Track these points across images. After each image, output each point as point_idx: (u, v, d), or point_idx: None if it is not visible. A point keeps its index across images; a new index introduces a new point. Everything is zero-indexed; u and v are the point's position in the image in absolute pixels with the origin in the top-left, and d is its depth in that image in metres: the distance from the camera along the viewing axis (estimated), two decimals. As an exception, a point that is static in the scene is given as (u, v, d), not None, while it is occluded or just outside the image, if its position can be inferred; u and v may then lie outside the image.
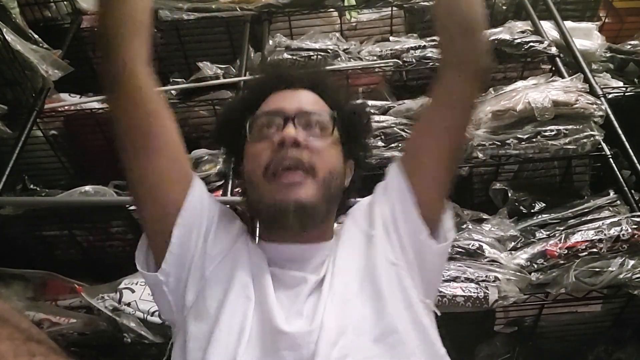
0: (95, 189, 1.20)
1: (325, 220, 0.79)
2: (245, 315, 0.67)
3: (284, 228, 0.74)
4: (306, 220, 0.73)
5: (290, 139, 0.72)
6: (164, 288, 0.70)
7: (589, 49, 1.50)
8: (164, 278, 0.70)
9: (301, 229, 0.74)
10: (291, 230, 0.74)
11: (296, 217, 0.72)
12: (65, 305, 1.15)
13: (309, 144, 0.73)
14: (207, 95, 1.47)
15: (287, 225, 0.73)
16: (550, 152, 1.19)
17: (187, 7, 1.62)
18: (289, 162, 0.72)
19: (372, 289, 0.70)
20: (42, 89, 1.39)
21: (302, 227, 0.73)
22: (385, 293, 0.68)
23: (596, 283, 1.04)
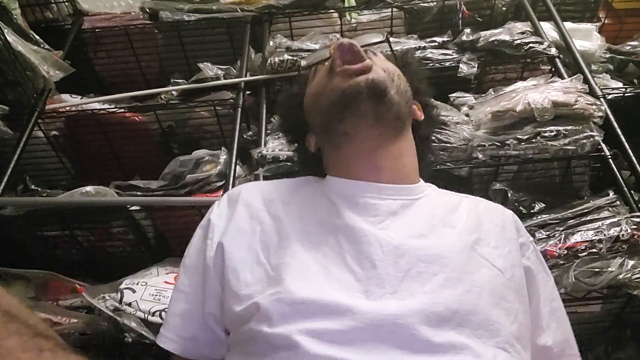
0: (97, 190, 1.21)
1: (404, 130, 0.74)
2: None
3: (356, 118, 0.69)
4: (382, 103, 0.68)
5: (347, 42, 0.71)
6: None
7: (588, 50, 1.50)
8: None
9: (377, 117, 0.69)
10: (365, 120, 0.69)
11: (370, 97, 0.68)
12: (67, 305, 1.15)
13: (368, 55, 0.73)
14: (208, 96, 1.47)
15: (359, 113, 0.68)
16: (550, 152, 1.19)
17: (187, 8, 1.63)
18: (349, 56, 0.70)
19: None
20: (43, 90, 1.40)
21: (378, 115, 0.69)
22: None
23: (596, 283, 1.04)
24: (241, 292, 0.65)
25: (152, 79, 1.71)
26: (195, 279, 0.72)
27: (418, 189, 0.74)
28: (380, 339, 0.57)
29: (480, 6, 1.64)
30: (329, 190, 0.73)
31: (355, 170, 0.73)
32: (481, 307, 0.61)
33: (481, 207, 0.77)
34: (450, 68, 1.42)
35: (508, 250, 0.70)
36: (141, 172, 1.50)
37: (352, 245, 0.65)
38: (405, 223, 0.68)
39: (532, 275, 0.72)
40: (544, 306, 0.72)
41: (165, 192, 1.24)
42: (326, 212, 0.70)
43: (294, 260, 0.64)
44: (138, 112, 1.51)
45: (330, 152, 0.77)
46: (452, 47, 1.48)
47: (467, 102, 1.32)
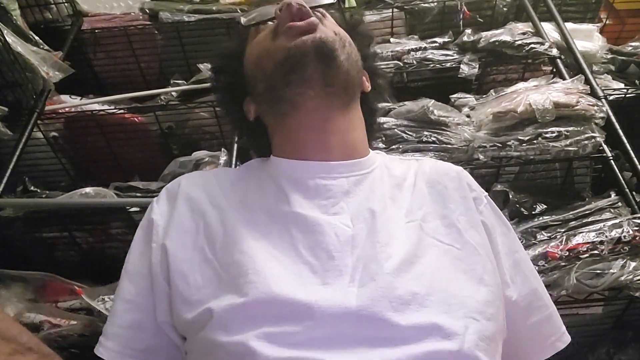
0: (96, 191, 1.20)
1: (353, 101, 0.70)
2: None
3: (302, 82, 0.64)
4: (330, 67, 0.64)
5: (295, 1, 0.66)
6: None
7: (589, 51, 1.50)
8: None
9: (325, 83, 0.65)
10: (311, 85, 0.64)
11: (317, 58, 0.63)
12: (65, 307, 1.14)
13: (317, 16, 0.68)
14: (208, 97, 1.47)
15: (305, 76, 0.64)
16: (551, 153, 1.19)
17: (187, 9, 1.63)
18: (297, 14, 0.66)
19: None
20: (43, 91, 1.39)
21: (326, 80, 0.65)
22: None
23: (597, 285, 1.04)
24: (193, 297, 0.60)
25: (151, 80, 1.70)
26: (141, 286, 0.66)
27: (369, 162, 0.71)
28: (344, 334, 0.55)
29: (481, 7, 1.64)
30: (276, 172, 0.69)
31: (303, 148, 0.68)
32: (438, 286, 0.59)
33: (427, 169, 0.73)
34: (451, 69, 1.41)
35: (459, 213, 0.68)
36: (141, 173, 1.50)
37: (305, 235, 0.61)
38: (359, 204, 0.65)
39: (488, 230, 0.70)
40: (506, 260, 0.70)
41: (164, 193, 1.24)
42: (274, 199, 0.65)
43: (244, 256, 0.60)
44: (138, 113, 1.51)
45: (276, 126, 0.72)
46: (453, 47, 1.47)
47: (468, 103, 1.32)
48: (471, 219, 0.69)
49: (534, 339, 0.71)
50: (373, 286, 0.57)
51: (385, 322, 0.55)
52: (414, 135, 1.22)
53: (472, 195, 0.72)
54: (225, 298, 0.57)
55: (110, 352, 0.65)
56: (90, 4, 1.71)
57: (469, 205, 0.70)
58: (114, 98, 1.49)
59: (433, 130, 1.22)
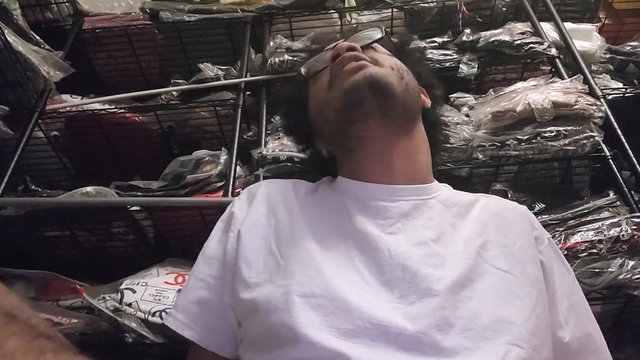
0: (97, 190, 1.21)
1: (415, 125, 0.74)
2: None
3: (364, 117, 0.68)
4: (385, 99, 0.68)
5: (344, 45, 0.72)
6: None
7: (588, 50, 1.50)
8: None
9: (384, 114, 0.69)
10: (372, 118, 0.68)
11: (372, 92, 0.68)
12: (67, 306, 1.15)
13: (367, 52, 0.73)
14: (208, 97, 1.47)
15: (365, 112, 0.68)
16: (550, 153, 1.19)
17: (188, 8, 1.63)
18: (348, 59, 0.71)
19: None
20: (44, 90, 1.40)
21: (383, 111, 0.68)
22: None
23: (596, 284, 1.04)
24: (251, 279, 0.65)
25: (152, 80, 1.71)
26: (215, 268, 0.72)
27: (432, 189, 0.74)
28: (387, 340, 0.57)
29: (480, 6, 1.64)
30: (342, 191, 0.74)
31: (368, 173, 0.73)
32: (485, 311, 0.60)
33: (493, 204, 0.76)
34: (451, 68, 1.42)
35: (519, 245, 0.69)
36: (141, 172, 1.50)
37: (360, 250, 0.65)
38: (416, 226, 0.68)
39: (546, 270, 0.71)
40: (562, 301, 0.71)
41: (165, 193, 1.24)
42: (338, 214, 0.70)
43: (305, 252, 0.65)
44: (138, 113, 1.51)
45: (344, 156, 0.78)
46: (452, 47, 1.48)
47: (467, 103, 1.33)
48: (530, 254, 0.70)
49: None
50: (421, 306, 0.59)
51: (424, 340, 0.57)
52: (414, 134, 1.22)
53: (534, 233, 0.74)
54: (282, 284, 0.62)
55: (177, 322, 0.71)
56: (91, 3, 1.71)
57: (529, 241, 0.72)
58: (115, 97, 1.49)
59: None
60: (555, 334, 0.68)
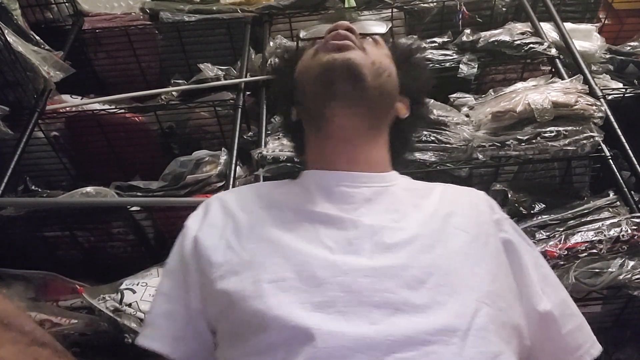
0: (97, 190, 1.21)
1: (381, 124, 0.76)
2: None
3: (332, 99, 0.70)
4: (356, 89, 0.70)
5: (343, 24, 0.73)
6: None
7: (588, 51, 1.50)
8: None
9: (350, 100, 0.70)
10: (340, 103, 0.70)
11: (344, 75, 0.69)
12: (67, 306, 1.15)
13: (362, 40, 0.75)
14: (208, 97, 1.47)
15: (333, 93, 0.70)
16: (550, 153, 1.19)
17: (188, 8, 1.63)
18: (339, 36, 0.72)
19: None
20: (44, 90, 1.40)
21: (352, 98, 0.70)
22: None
23: (596, 284, 1.04)
24: (214, 274, 0.65)
25: (152, 80, 1.71)
26: (176, 279, 0.72)
27: (390, 177, 0.76)
28: (360, 303, 0.58)
29: (480, 7, 1.64)
30: (305, 181, 0.75)
31: (331, 159, 0.74)
32: (457, 267, 0.62)
33: (452, 190, 0.78)
34: (451, 69, 1.42)
35: (482, 220, 0.72)
36: (141, 172, 1.50)
37: (328, 228, 0.66)
38: (379, 210, 0.69)
39: (513, 247, 0.72)
40: (534, 274, 0.72)
41: (165, 193, 1.25)
42: (302, 201, 0.71)
43: (269, 243, 0.65)
44: (138, 113, 1.51)
45: (310, 133, 0.79)
46: (452, 47, 1.48)
47: (467, 103, 1.33)
48: (492, 232, 0.71)
49: (571, 347, 0.72)
50: (389, 265, 0.61)
51: (395, 298, 0.58)
52: (413, 134, 1.22)
53: (495, 217, 0.75)
54: (249, 275, 0.62)
55: (146, 338, 0.71)
56: (91, 3, 1.72)
57: (490, 223, 0.73)
58: (115, 98, 1.49)
59: (432, 130, 1.22)
60: (536, 307, 0.70)
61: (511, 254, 0.71)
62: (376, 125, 0.76)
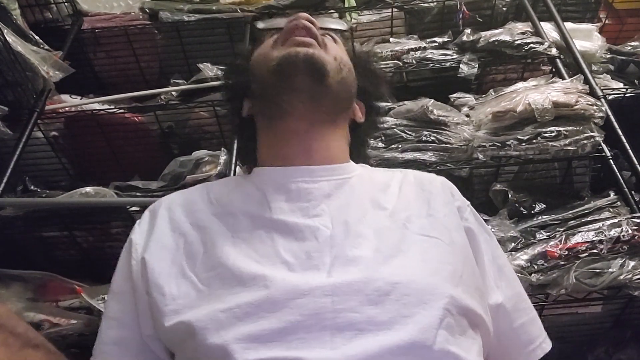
0: (96, 190, 1.20)
1: (339, 120, 0.74)
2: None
3: (291, 91, 0.68)
4: (318, 84, 0.68)
5: (304, 15, 0.72)
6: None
7: (589, 50, 1.50)
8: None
9: (312, 97, 0.68)
10: (298, 96, 0.68)
11: (306, 70, 0.67)
12: (65, 306, 1.15)
13: (322, 36, 0.73)
14: (208, 97, 1.47)
15: (293, 86, 0.68)
16: (551, 153, 1.19)
17: (187, 8, 1.63)
18: (300, 30, 0.70)
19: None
20: (43, 90, 1.39)
21: (312, 94, 0.68)
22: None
23: (596, 284, 1.04)
24: (167, 307, 0.61)
25: (151, 80, 1.70)
26: (125, 303, 0.67)
27: (349, 168, 0.74)
28: (322, 327, 0.55)
29: (480, 6, 1.64)
30: (259, 180, 0.71)
31: (286, 152, 0.71)
32: (422, 275, 0.60)
33: (412, 177, 0.76)
34: (451, 68, 1.42)
35: (443, 214, 0.70)
36: (141, 172, 1.50)
37: (285, 239, 0.63)
38: (339, 206, 0.67)
39: (473, 236, 0.72)
40: (490, 266, 0.72)
41: (165, 193, 1.24)
42: (256, 206, 0.67)
43: (225, 270, 0.61)
44: (138, 113, 1.51)
45: (263, 128, 0.76)
46: (452, 47, 1.48)
47: (468, 103, 1.32)
48: (455, 222, 0.71)
49: (522, 341, 0.72)
50: (350, 281, 0.58)
51: (361, 318, 0.56)
52: (414, 134, 1.22)
53: (456, 204, 0.74)
54: (206, 308, 0.58)
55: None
56: (90, 3, 1.71)
57: (452, 210, 0.72)
58: (114, 98, 1.49)
59: (432, 130, 1.22)
60: (490, 298, 0.69)
61: (471, 242, 0.71)
62: (334, 120, 0.74)
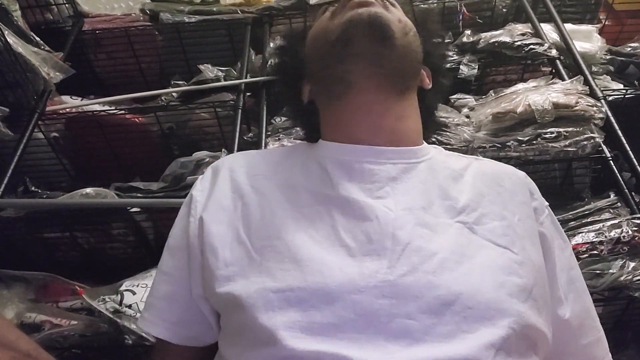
0: (97, 191, 1.20)
1: (408, 92, 0.68)
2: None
3: (355, 58, 0.63)
4: (381, 44, 0.63)
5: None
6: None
7: (589, 52, 1.50)
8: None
9: (374, 59, 0.63)
10: (364, 62, 0.63)
11: (369, 31, 0.62)
12: (66, 307, 1.15)
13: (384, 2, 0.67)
14: (208, 98, 1.47)
15: (358, 51, 0.63)
16: (551, 154, 1.19)
17: (188, 10, 1.63)
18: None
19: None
20: (44, 91, 1.39)
21: (375, 56, 0.63)
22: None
23: (597, 285, 1.04)
24: (219, 271, 0.60)
25: (152, 81, 1.71)
26: (179, 259, 0.67)
27: (421, 152, 0.68)
28: (376, 331, 0.52)
29: (480, 7, 1.64)
30: (322, 155, 0.67)
31: (352, 131, 0.67)
32: (488, 287, 0.55)
33: (488, 170, 0.70)
34: (451, 69, 1.42)
35: (518, 218, 0.64)
36: (141, 173, 1.50)
37: (346, 217, 0.59)
38: (405, 190, 0.62)
39: (546, 242, 0.66)
40: (561, 275, 0.67)
41: (165, 194, 1.24)
42: (318, 182, 0.64)
43: (280, 243, 0.59)
44: (138, 114, 1.51)
45: (328, 107, 0.71)
46: (452, 48, 1.48)
47: (468, 104, 1.32)
48: (529, 227, 0.65)
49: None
50: (411, 281, 0.54)
51: (418, 326, 0.53)
52: (414, 135, 1.22)
53: (534, 204, 0.69)
54: (257, 281, 0.57)
55: (146, 321, 0.67)
56: (91, 5, 1.72)
57: (529, 213, 0.67)
58: (115, 99, 1.49)
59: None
60: (556, 311, 0.65)
61: (543, 248, 0.66)
62: (403, 91, 0.68)
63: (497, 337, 0.53)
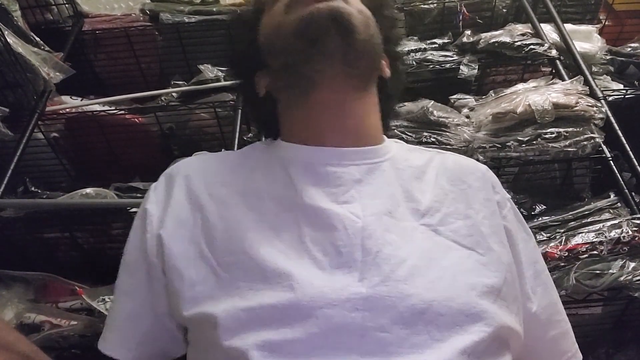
0: (97, 191, 1.20)
1: (371, 84, 0.66)
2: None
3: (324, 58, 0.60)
4: (351, 46, 0.60)
5: None
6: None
7: (589, 52, 1.50)
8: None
9: (345, 59, 0.60)
10: (332, 62, 0.60)
11: (334, 28, 0.59)
12: (66, 307, 1.15)
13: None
14: (208, 98, 1.47)
15: (326, 51, 0.59)
16: (551, 154, 1.19)
17: (188, 10, 1.63)
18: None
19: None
20: (44, 92, 1.39)
21: (346, 56, 0.60)
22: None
23: (597, 285, 1.04)
24: (186, 293, 0.57)
25: (152, 81, 1.70)
26: (139, 278, 0.63)
27: (383, 150, 0.67)
28: (349, 348, 0.51)
29: (480, 8, 1.64)
30: (284, 157, 0.65)
31: (316, 131, 0.64)
32: (457, 293, 0.55)
33: (451, 165, 0.69)
34: (451, 70, 1.42)
35: (482, 216, 0.63)
36: (141, 173, 1.50)
37: (312, 228, 0.57)
38: (371, 193, 0.61)
39: (511, 237, 0.66)
40: (528, 269, 0.66)
41: (165, 194, 1.24)
42: (281, 187, 0.61)
43: (247, 258, 0.56)
44: (138, 114, 1.51)
45: (290, 105, 0.68)
46: (452, 48, 1.48)
47: (468, 104, 1.32)
48: (494, 223, 0.65)
49: (552, 354, 0.69)
50: (384, 291, 0.53)
51: (392, 339, 0.52)
52: (414, 136, 1.22)
53: (497, 198, 0.68)
54: (226, 301, 0.54)
55: (108, 344, 0.63)
56: (91, 5, 1.72)
57: (492, 209, 0.66)
58: (115, 99, 1.49)
59: (432, 131, 1.22)
60: (524, 306, 0.64)
61: (508, 242, 0.66)
62: (366, 87, 0.66)
63: (469, 342, 0.53)
